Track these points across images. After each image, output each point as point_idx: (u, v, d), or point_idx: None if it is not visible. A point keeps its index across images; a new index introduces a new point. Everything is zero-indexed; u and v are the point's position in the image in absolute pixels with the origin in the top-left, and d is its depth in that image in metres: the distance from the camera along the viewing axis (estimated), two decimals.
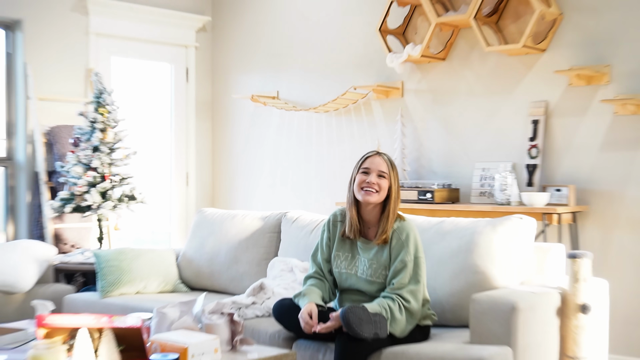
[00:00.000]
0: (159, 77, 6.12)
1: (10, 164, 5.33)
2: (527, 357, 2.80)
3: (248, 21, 6.13)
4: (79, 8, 5.51)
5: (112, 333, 2.52)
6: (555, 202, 4.34)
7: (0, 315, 4.01)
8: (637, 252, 4.25)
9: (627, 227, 4.30)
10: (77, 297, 4.11)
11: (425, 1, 4.79)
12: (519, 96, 4.70)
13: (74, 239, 5.31)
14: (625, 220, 4.30)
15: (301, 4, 5.77)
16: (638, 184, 4.26)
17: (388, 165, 2.98)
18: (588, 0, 4.42)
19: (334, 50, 5.58)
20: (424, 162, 5.12)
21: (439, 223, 3.40)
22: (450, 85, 5.00)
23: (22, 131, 5.29)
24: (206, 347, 2.61)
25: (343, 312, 2.67)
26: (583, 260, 2.94)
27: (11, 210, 5.35)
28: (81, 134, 4.88)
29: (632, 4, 4.28)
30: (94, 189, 4.77)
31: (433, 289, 3.14)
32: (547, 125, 4.59)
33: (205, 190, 6.36)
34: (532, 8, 4.40)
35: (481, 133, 4.86)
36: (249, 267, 4.00)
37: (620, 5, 4.31)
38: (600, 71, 4.34)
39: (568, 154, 4.51)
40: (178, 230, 6.15)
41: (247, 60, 6.15)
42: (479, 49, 4.78)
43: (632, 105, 4.21)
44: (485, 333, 2.79)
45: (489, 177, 4.72)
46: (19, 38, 5.28)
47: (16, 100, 5.32)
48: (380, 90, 5.23)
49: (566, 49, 4.51)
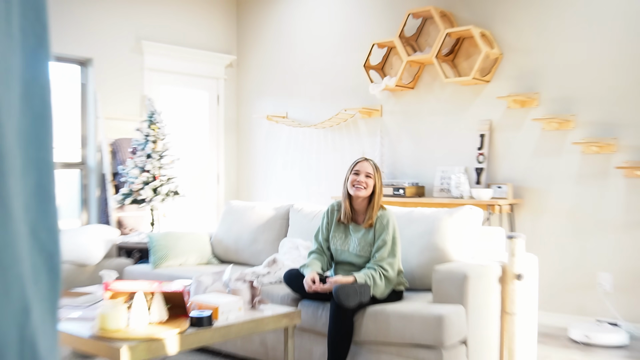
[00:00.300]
0: (197, 102, 6.12)
1: (84, 167, 5.34)
2: (476, 313, 2.81)
3: (264, 59, 6.13)
4: (136, 49, 5.51)
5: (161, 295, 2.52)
6: (497, 196, 4.35)
7: (76, 282, 4.02)
8: (559, 234, 4.26)
9: (551, 215, 4.30)
10: (134, 268, 4.11)
11: (398, 44, 4.80)
12: (470, 116, 4.70)
13: (132, 224, 5.32)
14: (550, 210, 4.31)
15: (305, 45, 5.77)
16: (559, 183, 4.27)
17: (373, 168, 3.00)
18: (522, 43, 4.43)
19: (330, 80, 5.58)
20: (398, 166, 5.12)
21: (409, 212, 3.40)
22: (417, 108, 5.00)
23: (92, 142, 5.29)
24: (232, 306, 2.62)
25: (335, 289, 2.70)
26: (518, 240, 2.94)
27: (84, 202, 5.36)
28: (137, 144, 4.88)
29: (554, 47, 4.29)
30: (147, 186, 4.77)
31: (405, 262, 3.14)
32: (491, 138, 4.59)
33: (231, 187, 6.36)
34: (479, 49, 4.41)
35: (441, 144, 4.86)
36: (264, 245, 4.00)
37: (546, 47, 4.32)
38: (531, 97, 4.35)
39: (507, 159, 4.51)
40: (211, 217, 6.14)
41: (263, 89, 6.15)
42: (440, 80, 4.79)
43: (555, 123, 4.22)
44: (444, 295, 2.79)
45: (447, 177, 4.72)
46: (90, 72, 5.27)
47: (88, 119, 5.32)
48: (364, 112, 5.24)
49: (505, 80, 4.52)
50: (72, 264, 4.13)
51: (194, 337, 2.38)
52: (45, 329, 0.29)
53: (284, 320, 2.74)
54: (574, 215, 4.21)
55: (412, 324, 2.67)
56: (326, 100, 5.60)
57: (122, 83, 5.44)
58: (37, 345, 0.26)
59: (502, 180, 4.51)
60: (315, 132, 5.70)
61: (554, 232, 4.29)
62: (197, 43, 5.99)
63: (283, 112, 5.91)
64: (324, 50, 5.63)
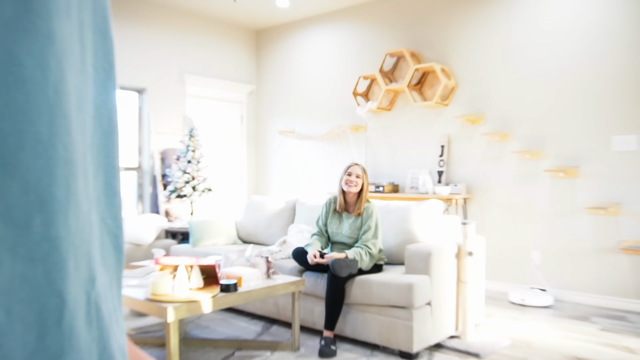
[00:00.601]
0: (225, 120, 6.09)
1: (139, 170, 5.31)
2: (438, 282, 2.80)
3: (276, 88, 6.12)
4: (180, 80, 5.49)
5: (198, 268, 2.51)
6: (454, 192, 4.34)
7: (134, 258, 4.01)
8: (501, 221, 4.26)
9: (495, 207, 4.30)
10: (178, 247, 4.10)
11: (378, 77, 4.79)
12: (433, 131, 4.69)
13: (176, 213, 5.30)
14: (494, 203, 4.31)
15: (308, 77, 5.76)
16: (501, 182, 4.26)
17: (362, 171, 2.99)
18: (472, 76, 4.43)
19: (327, 104, 5.57)
20: (378, 169, 5.11)
21: (387, 204, 3.39)
22: (393, 125, 4.99)
23: (146, 151, 5.27)
24: (252, 276, 2.61)
25: (331, 263, 2.70)
26: (469, 225, 2.93)
27: (140, 197, 5.33)
28: (180, 153, 4.87)
29: (497, 79, 4.28)
30: (187, 185, 4.76)
31: (384, 242, 3.14)
32: (449, 148, 4.58)
33: (252, 185, 6.34)
34: (440, 81, 4.40)
35: (411, 152, 4.85)
36: (277, 229, 3.99)
37: (490, 79, 4.32)
38: (479, 117, 4.34)
39: (461, 164, 4.51)
40: (236, 208, 6.13)
41: (276, 110, 6.13)
42: (410, 104, 4.78)
43: (498, 136, 4.21)
44: (413, 268, 2.79)
45: (416, 177, 4.71)
46: (144, 98, 5.25)
47: (143, 134, 5.29)
48: (353, 128, 5.22)
49: (459, 104, 4.51)
50: (131, 243, 4.12)
51: (223, 300, 2.38)
52: (111, 293, 0.31)
53: (292, 287, 2.73)
54: (512, 207, 4.21)
55: (389, 289, 2.67)
56: (324, 119, 5.58)
57: (169, 106, 5.42)
58: (101, 306, 0.28)
59: (457, 180, 4.50)
60: (316, 144, 5.69)
61: (497, 220, 4.28)
62: (226, 75, 5.98)
63: (291, 128, 5.90)
64: (322, 81, 5.62)
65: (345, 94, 5.36)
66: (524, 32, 4.14)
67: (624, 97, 3.70)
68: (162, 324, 3.28)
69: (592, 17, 3.83)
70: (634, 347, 2.87)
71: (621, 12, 3.71)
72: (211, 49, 5.81)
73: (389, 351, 2.76)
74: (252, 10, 5.54)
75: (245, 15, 5.71)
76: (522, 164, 4.16)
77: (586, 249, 3.85)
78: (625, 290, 3.69)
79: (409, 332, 2.60)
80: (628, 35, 3.68)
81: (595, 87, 3.82)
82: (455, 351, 2.78)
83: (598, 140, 3.81)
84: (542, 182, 4.06)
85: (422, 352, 2.75)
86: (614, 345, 2.91)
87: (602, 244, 3.78)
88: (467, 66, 4.46)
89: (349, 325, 2.83)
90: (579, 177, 3.89)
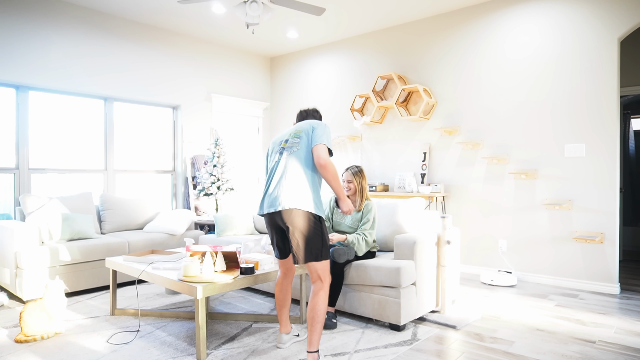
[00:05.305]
0: (245, 131, 6.08)
1: (174, 173, 5.30)
2: (423, 266, 2.77)
3: (287, 104, 6.10)
4: (208, 99, 5.48)
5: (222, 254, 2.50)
6: (434, 191, 4.31)
7: (169, 245, 3.99)
8: (473, 215, 4.23)
9: (468, 203, 4.27)
10: (205, 236, 4.09)
11: (372, 95, 4.77)
12: (417, 140, 4.67)
13: (204, 209, 5.29)
14: (468, 200, 4.27)
15: (313, 95, 5.74)
16: (473, 183, 4.23)
17: (351, 175, 2.92)
18: (449, 95, 4.40)
19: (329, 118, 5.55)
20: (372, 172, 5.08)
21: (379, 201, 3.37)
22: (384, 136, 4.97)
23: (180, 157, 5.26)
24: (267, 261, 2.59)
25: (332, 251, 2.66)
26: (447, 219, 2.91)
27: (174, 195, 5.32)
28: (208, 158, 4.86)
29: (470, 98, 4.26)
30: (213, 185, 4.75)
31: (377, 232, 3.11)
32: (430, 155, 4.55)
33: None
34: (422, 99, 4.37)
35: (399, 158, 4.82)
36: None
37: (464, 98, 4.29)
38: (455, 129, 4.31)
39: (440, 168, 4.48)
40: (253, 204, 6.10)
41: (287, 123, 6.12)
42: (398, 118, 4.76)
43: (470, 145, 4.18)
44: (401, 254, 2.76)
45: (403, 179, 4.68)
46: (178, 113, 5.24)
47: (177, 143, 5.28)
48: (351, 138, 5.19)
49: (439, 118, 4.49)
50: (166, 233, 4.11)
51: (243, 281, 2.36)
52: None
53: (300, 270, 2.71)
54: (482, 203, 4.18)
55: (381, 272, 2.64)
56: None
57: (198, 119, 5.41)
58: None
59: (437, 181, 4.47)
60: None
61: (470, 214, 4.25)
62: (246, 94, 5.97)
63: None
64: (325, 99, 5.60)
65: (344, 109, 5.34)
66: (493, 59, 4.12)
67: (575, 112, 3.68)
68: (192, 301, 3.26)
69: (547, 49, 3.81)
70: (584, 320, 2.84)
71: (569, 44, 3.69)
72: (233, 72, 5.81)
73: (381, 324, 2.74)
74: (267, 41, 5.54)
75: (262, 45, 5.72)
76: (490, 168, 4.13)
77: (544, 238, 3.82)
78: (577, 272, 3.66)
79: (397, 307, 2.58)
80: (578, 61, 3.66)
81: (551, 104, 3.80)
82: (436, 323, 2.76)
83: (553, 148, 3.78)
84: (507, 183, 4.03)
85: (409, 324, 2.73)
86: (567, 318, 2.88)
87: (557, 234, 3.75)
88: (445, 87, 4.43)
89: (347, 302, 2.81)
90: (538, 179, 3.86)
